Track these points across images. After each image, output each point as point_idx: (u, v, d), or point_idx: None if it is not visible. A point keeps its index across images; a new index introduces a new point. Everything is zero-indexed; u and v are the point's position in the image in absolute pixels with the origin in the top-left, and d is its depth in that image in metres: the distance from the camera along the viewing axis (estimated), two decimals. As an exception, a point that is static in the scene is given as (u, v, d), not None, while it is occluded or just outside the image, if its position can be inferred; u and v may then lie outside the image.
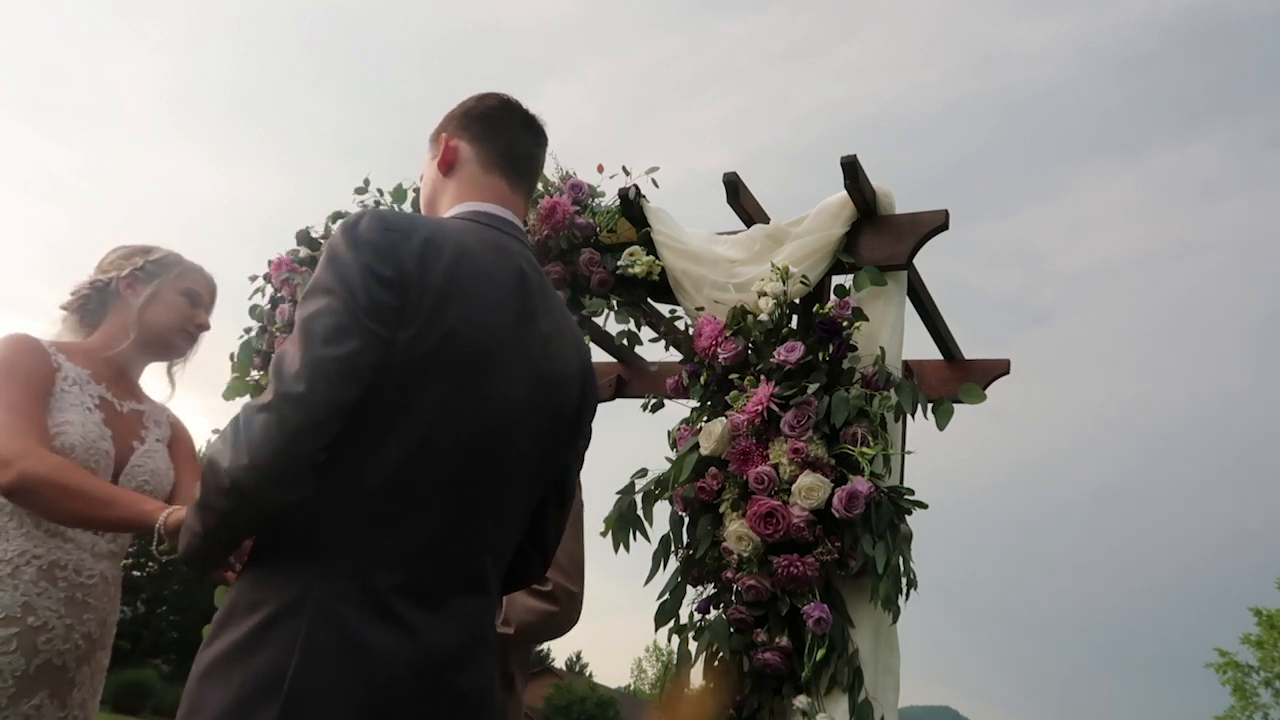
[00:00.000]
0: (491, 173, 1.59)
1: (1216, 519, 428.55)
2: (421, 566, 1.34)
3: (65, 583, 1.93)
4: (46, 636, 1.89)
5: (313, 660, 1.24)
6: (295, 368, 1.25)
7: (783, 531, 2.40)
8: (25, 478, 1.78)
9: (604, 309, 2.97)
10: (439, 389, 1.34)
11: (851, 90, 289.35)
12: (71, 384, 2.00)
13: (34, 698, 1.87)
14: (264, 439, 1.23)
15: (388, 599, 1.30)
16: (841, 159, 2.63)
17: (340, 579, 1.29)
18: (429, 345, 1.33)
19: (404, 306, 1.31)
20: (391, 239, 1.34)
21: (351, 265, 1.31)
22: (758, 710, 2.43)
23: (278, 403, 1.24)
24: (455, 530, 1.38)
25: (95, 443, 1.97)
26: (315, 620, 1.26)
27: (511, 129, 1.63)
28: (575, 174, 3.04)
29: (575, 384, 1.57)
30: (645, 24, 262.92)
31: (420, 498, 1.34)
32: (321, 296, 1.31)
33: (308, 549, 1.31)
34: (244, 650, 1.26)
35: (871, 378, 2.53)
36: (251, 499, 1.26)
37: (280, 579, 1.30)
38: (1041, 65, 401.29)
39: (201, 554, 1.38)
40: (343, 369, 1.25)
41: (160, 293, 2.13)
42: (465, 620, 1.39)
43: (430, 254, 1.35)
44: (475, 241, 1.45)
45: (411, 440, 1.33)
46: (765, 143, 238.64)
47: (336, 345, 1.26)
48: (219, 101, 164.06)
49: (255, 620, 1.27)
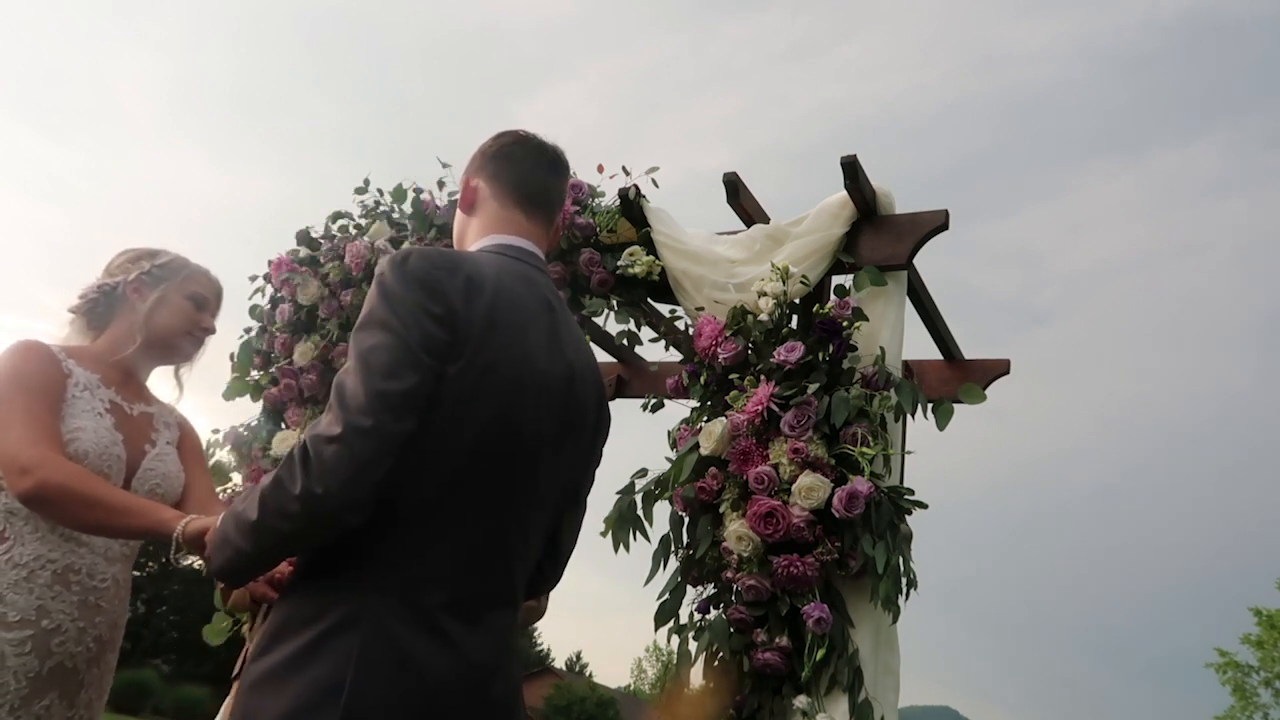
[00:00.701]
0: (508, 207, 1.67)
1: (1216, 519, 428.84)
2: (465, 584, 1.42)
3: (79, 586, 1.95)
4: (60, 639, 1.91)
5: (369, 673, 1.31)
6: (360, 400, 1.32)
7: (783, 531, 2.40)
8: (44, 486, 1.81)
9: (604, 309, 2.98)
10: (480, 416, 1.41)
11: (852, 90, 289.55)
12: (82, 389, 2.02)
13: (45, 698, 1.89)
14: (336, 468, 1.30)
15: (435, 615, 1.38)
16: (841, 159, 2.63)
17: (391, 597, 1.36)
18: (474, 376, 1.40)
19: (454, 340, 1.39)
20: (439, 276, 1.41)
21: (406, 302, 1.39)
22: (758, 710, 2.43)
23: (349, 435, 1.31)
24: (490, 549, 1.45)
25: (108, 448, 1.98)
26: (370, 635, 1.32)
27: (524, 163, 1.70)
28: (575, 174, 3.04)
29: (593, 411, 1.65)
30: (645, 24, 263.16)
31: (460, 519, 1.42)
32: (377, 331, 1.38)
33: (360, 567, 1.37)
34: (299, 662, 1.32)
35: (871, 378, 2.53)
36: (320, 523, 1.33)
37: (334, 596, 1.36)
38: (1042, 65, 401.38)
39: (245, 571, 1.45)
40: (405, 402, 1.33)
41: (166, 297, 2.15)
42: (499, 633, 1.47)
43: (474, 290, 1.43)
44: (508, 276, 1.53)
45: (454, 464, 1.40)
46: (765, 143, 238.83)
47: (397, 380, 1.34)
48: (219, 102, 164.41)
49: (310, 635, 1.33)
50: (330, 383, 1.81)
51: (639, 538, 2.69)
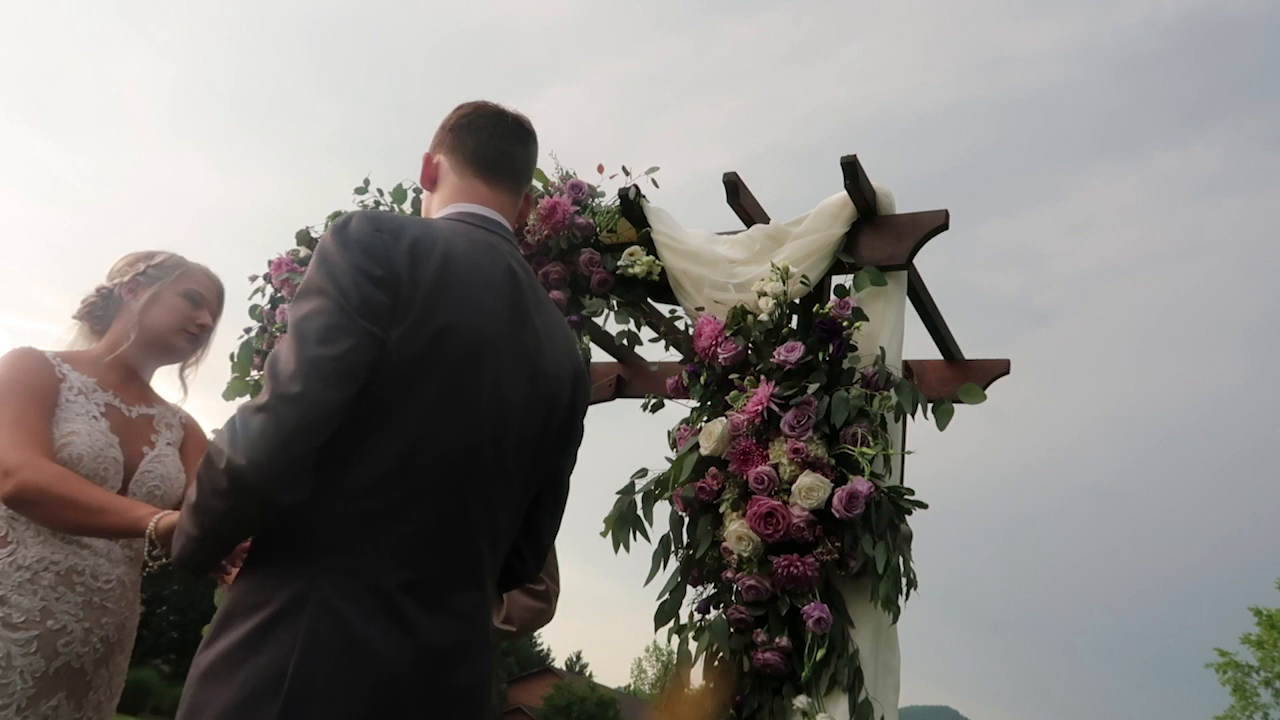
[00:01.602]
0: (467, 176, 1.61)
1: (1216, 519, 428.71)
2: (423, 564, 1.35)
3: (83, 588, 1.96)
4: (65, 640, 1.92)
5: (314, 658, 1.25)
6: (291, 368, 1.26)
7: (783, 531, 2.40)
8: (25, 488, 1.83)
9: (604, 309, 2.97)
10: (432, 386, 1.35)
11: (852, 92, 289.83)
12: (77, 394, 2.03)
13: (52, 698, 1.91)
14: (261, 439, 1.24)
15: (392, 597, 1.31)
16: (841, 159, 2.63)
17: (343, 577, 1.29)
18: (421, 343, 1.34)
19: (395, 305, 1.33)
20: (382, 239, 1.36)
21: (342, 265, 1.33)
22: (758, 710, 2.43)
23: (274, 403, 1.25)
24: (452, 525, 1.38)
25: (103, 451, 1.99)
26: (316, 619, 1.26)
27: (480, 131, 1.63)
28: (575, 174, 3.04)
29: (567, 381, 1.58)
30: (648, 27, 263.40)
31: (416, 493, 1.35)
32: (314, 297, 1.32)
33: (308, 548, 1.31)
34: (246, 649, 1.26)
35: (871, 378, 2.53)
36: (250, 499, 1.27)
37: (281, 579, 1.30)
38: (1042, 67, 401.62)
39: (197, 556, 1.39)
40: (338, 368, 1.26)
41: (160, 295, 2.15)
42: (463, 617, 1.39)
43: (420, 253, 1.37)
44: (464, 241, 1.47)
45: (406, 437, 1.34)
46: (766, 144, 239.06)
47: (331, 345, 1.27)
48: (221, 103, 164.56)
49: (257, 620, 1.28)
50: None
51: (639, 538, 2.69)
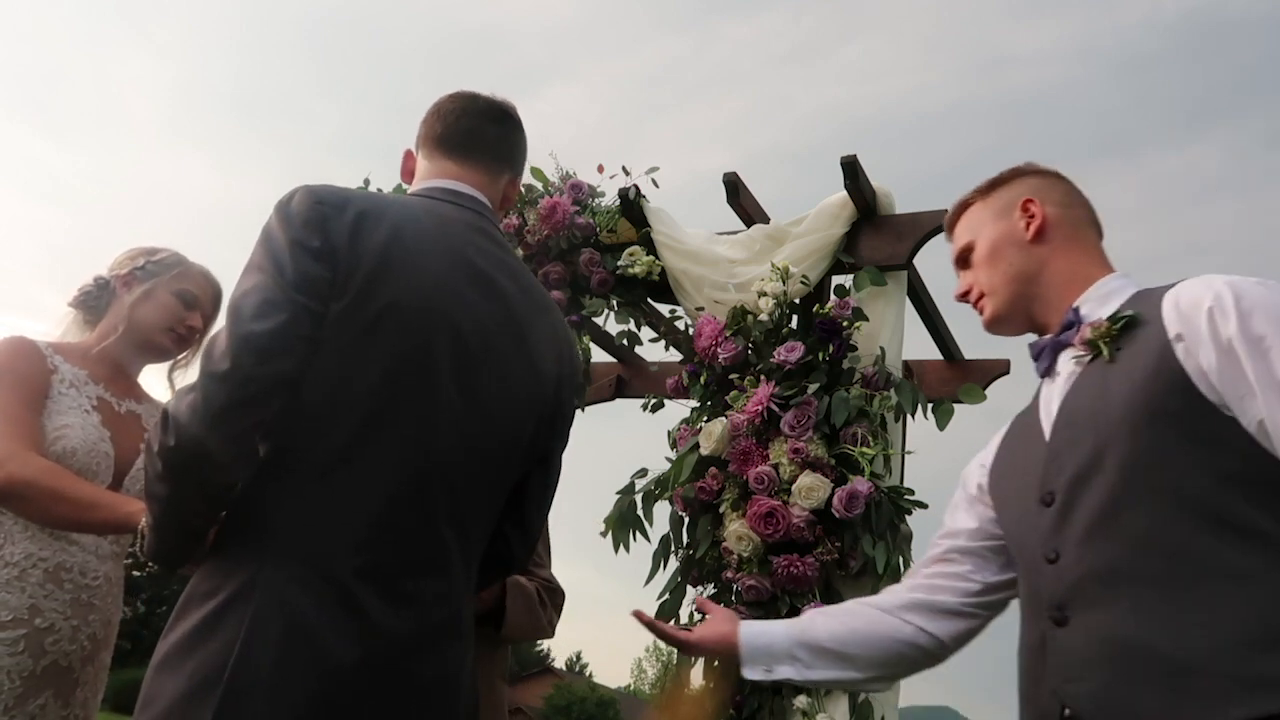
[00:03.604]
0: (435, 158, 1.58)
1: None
2: (379, 548, 1.29)
3: (71, 585, 1.94)
4: (53, 638, 1.90)
5: (257, 647, 1.21)
6: (223, 347, 1.23)
7: (783, 531, 2.40)
8: (11, 481, 1.79)
9: (604, 309, 2.97)
10: (381, 361, 1.31)
11: (853, 92, 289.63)
12: (69, 386, 2.00)
13: (40, 697, 1.88)
14: (190, 417, 1.21)
15: (346, 584, 1.26)
16: (841, 159, 2.63)
17: (294, 563, 1.25)
18: (367, 317, 1.30)
19: (335, 278, 1.29)
20: (322, 212, 1.32)
21: (281, 240, 1.30)
22: (758, 710, 2.43)
23: (203, 381, 1.22)
24: (408, 509, 1.32)
25: (95, 445, 1.96)
26: (263, 607, 1.22)
27: (450, 114, 1.60)
28: (575, 174, 3.04)
29: (550, 357, 1.52)
30: (648, 27, 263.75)
31: (369, 474, 1.30)
32: (253, 274, 1.29)
33: (260, 534, 1.28)
34: (196, 638, 1.23)
35: (871, 378, 2.53)
36: (186, 479, 1.24)
37: (233, 565, 1.27)
38: (1042, 67, 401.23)
39: (159, 548, 1.36)
40: (270, 343, 1.23)
41: (154, 291, 2.12)
42: (426, 605, 1.34)
43: (365, 226, 1.33)
44: (422, 213, 1.43)
45: (356, 413, 1.30)
46: (766, 144, 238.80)
47: (264, 320, 1.24)
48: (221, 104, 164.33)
49: (208, 608, 1.24)
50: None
51: (639, 538, 2.69)
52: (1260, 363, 1.15)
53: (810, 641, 1.56)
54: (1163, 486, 1.18)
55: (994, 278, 1.48)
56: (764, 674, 1.58)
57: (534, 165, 3.07)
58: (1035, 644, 1.29)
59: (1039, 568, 1.29)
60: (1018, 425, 1.50)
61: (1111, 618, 1.18)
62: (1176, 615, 1.13)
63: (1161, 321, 1.24)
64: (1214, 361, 1.18)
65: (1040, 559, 1.29)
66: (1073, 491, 1.26)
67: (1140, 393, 1.22)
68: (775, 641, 1.57)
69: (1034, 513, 1.32)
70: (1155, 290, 1.32)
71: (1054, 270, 1.44)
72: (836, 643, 1.55)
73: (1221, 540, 1.14)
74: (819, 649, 1.55)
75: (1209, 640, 1.10)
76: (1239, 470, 1.16)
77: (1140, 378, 1.23)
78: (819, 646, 1.55)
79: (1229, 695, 1.08)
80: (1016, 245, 1.47)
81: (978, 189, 1.55)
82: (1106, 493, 1.22)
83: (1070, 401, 1.33)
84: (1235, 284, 1.21)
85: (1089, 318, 1.37)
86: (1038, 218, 1.46)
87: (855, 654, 1.55)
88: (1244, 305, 1.18)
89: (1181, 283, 1.28)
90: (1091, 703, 1.18)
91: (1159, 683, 1.12)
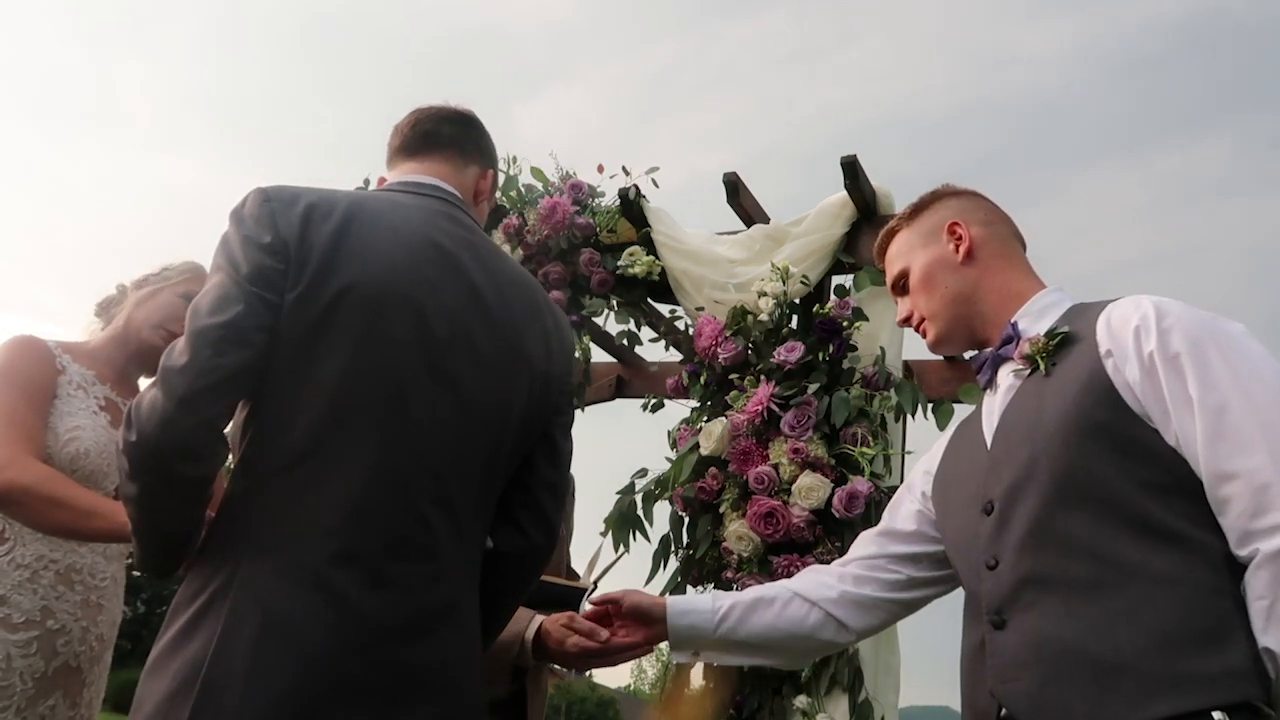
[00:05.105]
0: (396, 164, 1.63)
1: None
2: (355, 533, 1.29)
3: (81, 586, 1.95)
4: (65, 639, 1.91)
5: (231, 643, 1.21)
6: (181, 343, 1.26)
7: (783, 531, 2.40)
8: (10, 488, 1.78)
9: (604, 309, 2.98)
10: (342, 347, 1.31)
11: (853, 93, 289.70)
12: (76, 387, 2.00)
13: (50, 698, 1.89)
14: (150, 412, 1.23)
15: (322, 571, 1.26)
16: (841, 159, 2.63)
17: (269, 554, 1.26)
18: (322, 304, 1.31)
19: (288, 269, 1.31)
20: (271, 208, 1.35)
21: (235, 240, 1.34)
22: (758, 710, 2.43)
23: (162, 376, 1.25)
24: (382, 491, 1.31)
25: (105, 447, 1.97)
26: (239, 601, 1.23)
27: (404, 128, 1.65)
28: (575, 174, 3.04)
29: (535, 335, 1.51)
30: (649, 29, 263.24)
31: (338, 459, 1.30)
32: (212, 277, 1.33)
33: (236, 535, 1.29)
34: (180, 639, 1.25)
35: (871, 378, 2.53)
36: (151, 475, 1.25)
37: (213, 568, 1.28)
38: (1045, 68, 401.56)
39: (141, 553, 1.36)
40: (226, 334, 1.25)
41: (159, 293, 2.14)
42: (413, 590, 1.32)
43: (315, 217, 1.36)
44: (381, 203, 1.46)
45: (320, 402, 1.30)
46: (766, 145, 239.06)
47: (219, 313, 1.27)
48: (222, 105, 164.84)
49: (193, 609, 1.26)
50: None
51: (639, 538, 2.70)
52: (1175, 380, 1.22)
53: (733, 639, 1.65)
54: (1092, 495, 1.24)
55: (932, 302, 1.53)
56: (690, 657, 1.72)
57: (534, 165, 3.07)
58: (975, 647, 1.34)
59: (980, 574, 1.34)
60: (962, 434, 1.55)
61: (1045, 620, 1.24)
62: (1105, 617, 1.19)
63: (1095, 338, 1.31)
64: (1137, 377, 1.24)
65: (981, 565, 1.34)
66: (1010, 500, 1.31)
67: (1073, 406, 1.28)
68: (701, 635, 1.66)
69: (975, 521, 1.37)
70: (1090, 306, 1.38)
71: (988, 288, 1.49)
72: (758, 640, 1.65)
73: (1146, 545, 1.20)
74: (738, 643, 1.66)
75: (1135, 640, 1.16)
76: (1162, 479, 1.21)
77: (1073, 391, 1.29)
78: (739, 642, 1.65)
79: (1154, 693, 1.13)
80: (949, 268, 1.52)
81: (901, 215, 1.61)
82: (1040, 501, 1.27)
83: (1009, 414, 1.39)
84: (1160, 304, 1.28)
85: (1027, 332, 1.42)
86: (965, 239, 1.51)
87: (772, 647, 1.66)
88: (1164, 324, 1.24)
89: (1115, 301, 1.34)
90: (1026, 702, 1.23)
91: (1089, 682, 1.17)
